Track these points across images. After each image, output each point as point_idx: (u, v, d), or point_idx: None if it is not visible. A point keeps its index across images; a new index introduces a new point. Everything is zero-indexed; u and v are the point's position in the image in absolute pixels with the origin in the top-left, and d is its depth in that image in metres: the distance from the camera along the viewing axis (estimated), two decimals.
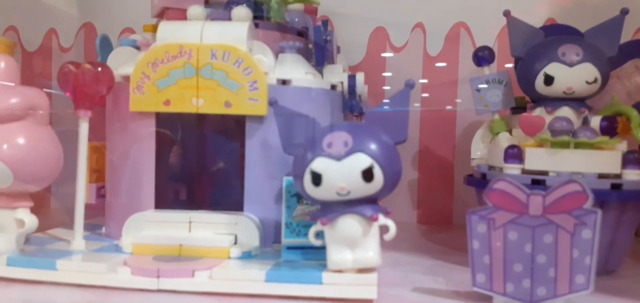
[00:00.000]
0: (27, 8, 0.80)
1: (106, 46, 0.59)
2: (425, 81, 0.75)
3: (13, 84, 0.43)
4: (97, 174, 0.54)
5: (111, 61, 0.54)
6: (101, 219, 0.55)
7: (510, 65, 0.61)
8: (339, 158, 0.38)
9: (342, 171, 0.38)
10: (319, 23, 0.59)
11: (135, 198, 0.50)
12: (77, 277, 0.41)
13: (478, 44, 0.73)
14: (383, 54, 0.75)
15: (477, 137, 0.60)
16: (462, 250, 0.45)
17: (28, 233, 0.43)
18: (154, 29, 0.61)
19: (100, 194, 0.54)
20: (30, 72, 0.79)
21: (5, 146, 0.41)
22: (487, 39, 0.73)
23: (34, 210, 0.44)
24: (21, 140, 0.41)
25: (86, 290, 0.41)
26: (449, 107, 0.76)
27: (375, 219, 0.39)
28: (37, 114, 0.43)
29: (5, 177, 0.41)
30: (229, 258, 0.45)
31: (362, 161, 0.38)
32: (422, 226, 0.74)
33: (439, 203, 0.75)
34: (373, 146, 0.39)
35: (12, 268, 0.42)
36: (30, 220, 0.42)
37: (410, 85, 0.42)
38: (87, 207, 0.49)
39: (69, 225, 0.54)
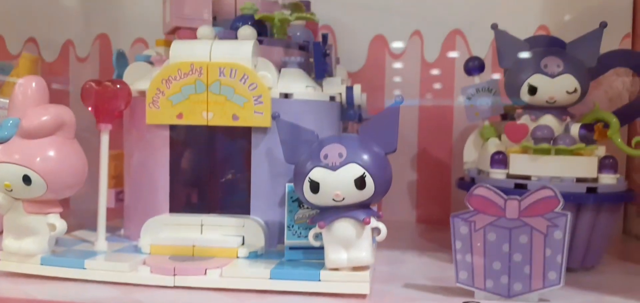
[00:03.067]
0: (46, 21, 0.85)
1: (122, 60, 0.64)
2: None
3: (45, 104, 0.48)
4: (115, 180, 0.59)
5: (127, 75, 0.59)
6: (119, 221, 0.60)
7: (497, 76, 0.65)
8: (334, 168, 0.43)
9: (337, 179, 0.43)
10: (321, 34, 0.63)
11: (151, 202, 0.55)
12: (103, 275, 0.46)
13: (473, 51, 0.78)
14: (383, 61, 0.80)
15: (469, 142, 0.64)
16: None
17: (58, 236, 0.48)
18: (166, 43, 0.65)
19: (119, 198, 0.59)
20: (49, 82, 0.84)
21: (38, 159, 0.46)
22: (482, 45, 0.77)
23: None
24: (52, 153, 0.46)
25: (111, 286, 0.46)
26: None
27: (368, 222, 0.44)
28: (65, 129, 0.48)
29: (39, 187, 0.46)
30: (237, 257, 0.50)
31: (355, 170, 0.43)
32: (421, 225, 0.79)
33: (437, 203, 0.79)
34: (365, 157, 0.43)
35: (45, 267, 0.47)
36: (61, 224, 0.47)
37: (399, 100, 0.46)
38: (107, 210, 0.54)
39: (88, 226, 0.59)
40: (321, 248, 0.46)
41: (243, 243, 0.51)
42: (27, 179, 0.45)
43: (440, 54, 0.79)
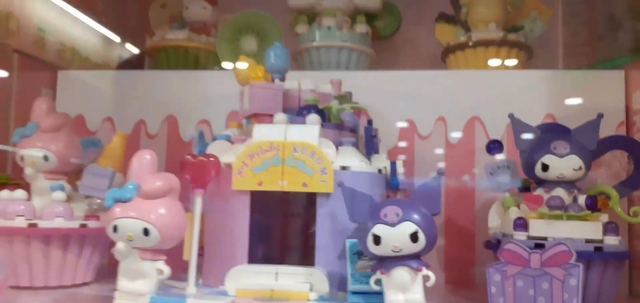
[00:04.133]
0: (121, 103, 0.99)
1: (202, 139, 0.77)
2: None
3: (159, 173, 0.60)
4: None
5: (211, 150, 0.72)
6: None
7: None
8: (393, 224, 0.54)
9: (395, 234, 0.54)
10: (367, 120, 0.77)
11: (232, 254, 0.66)
12: None
13: (490, 134, 0.91)
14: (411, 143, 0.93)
15: (493, 210, 0.76)
16: None
17: (163, 280, 0.59)
18: (238, 125, 0.79)
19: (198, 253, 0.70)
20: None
21: (154, 216, 0.57)
22: (498, 129, 0.90)
23: None
24: (165, 211, 0.58)
25: None
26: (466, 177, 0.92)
27: (420, 270, 0.55)
28: (173, 192, 0.60)
29: (154, 238, 0.57)
30: (309, 300, 0.60)
31: (410, 227, 0.54)
32: (449, 286, 0.88)
33: (463, 266, 0.89)
34: (417, 216, 0.55)
35: None
36: (167, 270, 0.58)
37: (441, 173, 0.58)
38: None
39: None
40: (380, 292, 0.56)
41: (311, 289, 0.62)
42: (146, 232, 0.57)
43: (462, 137, 0.92)
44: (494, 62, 0.99)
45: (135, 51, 1.26)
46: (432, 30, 1.09)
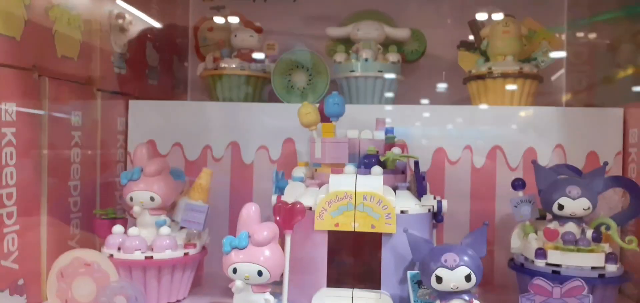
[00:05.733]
0: (188, 130, 1.13)
1: (281, 178, 0.92)
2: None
3: (266, 223, 0.76)
4: None
5: (288, 191, 0.87)
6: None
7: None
8: (451, 268, 0.71)
9: (454, 276, 0.71)
10: (414, 162, 0.92)
11: (313, 280, 0.82)
12: None
13: (510, 162, 1.07)
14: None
15: (515, 234, 0.93)
16: None
17: None
18: (305, 165, 0.95)
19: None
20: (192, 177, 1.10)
21: (264, 259, 0.73)
22: (515, 157, 1.07)
23: None
24: (271, 254, 0.74)
25: None
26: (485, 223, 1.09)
27: (472, 302, 0.72)
28: (276, 238, 0.76)
29: (266, 277, 0.73)
30: None
31: (465, 270, 0.71)
32: None
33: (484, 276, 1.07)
34: (470, 261, 0.72)
35: None
36: (272, 299, 0.75)
37: (486, 225, 0.75)
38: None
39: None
40: None
41: None
42: (260, 273, 0.73)
43: (485, 163, 1.08)
44: (510, 89, 1.15)
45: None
46: (454, 55, 1.24)
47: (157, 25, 1.27)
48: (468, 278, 0.71)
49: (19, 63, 0.83)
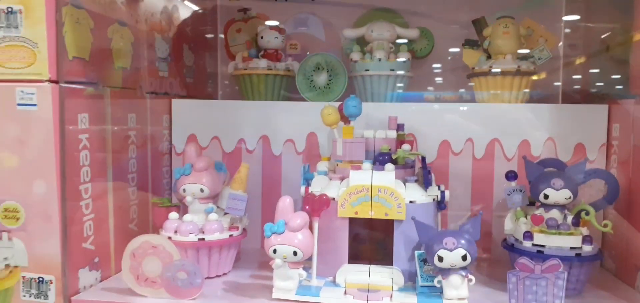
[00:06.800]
0: (226, 125, 1.29)
1: (308, 171, 1.08)
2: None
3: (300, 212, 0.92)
4: None
5: (315, 183, 1.03)
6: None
7: None
8: (451, 250, 0.87)
9: (453, 256, 0.87)
10: (421, 157, 1.08)
11: (336, 257, 0.99)
12: (327, 299, 0.91)
13: (505, 152, 1.22)
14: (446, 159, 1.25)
15: (508, 218, 1.08)
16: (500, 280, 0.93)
17: (302, 279, 0.93)
18: (327, 159, 1.11)
19: None
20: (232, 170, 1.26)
21: (298, 241, 0.90)
22: (511, 148, 1.22)
23: None
24: (304, 238, 0.91)
25: None
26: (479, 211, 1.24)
27: (467, 277, 0.88)
28: (306, 224, 0.92)
29: (300, 256, 0.90)
30: (392, 290, 0.95)
31: (461, 251, 0.87)
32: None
33: (480, 246, 1.23)
34: (466, 244, 0.88)
35: (299, 296, 0.92)
36: (304, 273, 0.92)
37: (480, 214, 0.90)
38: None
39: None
40: (440, 288, 0.90)
41: (393, 282, 0.96)
42: (295, 253, 0.90)
43: (484, 153, 1.23)
44: (509, 86, 1.28)
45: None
46: (459, 52, 1.37)
47: (192, 28, 1.42)
48: (464, 257, 0.88)
49: (89, 79, 0.99)
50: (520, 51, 1.28)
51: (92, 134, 0.99)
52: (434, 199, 1.02)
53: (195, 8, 1.44)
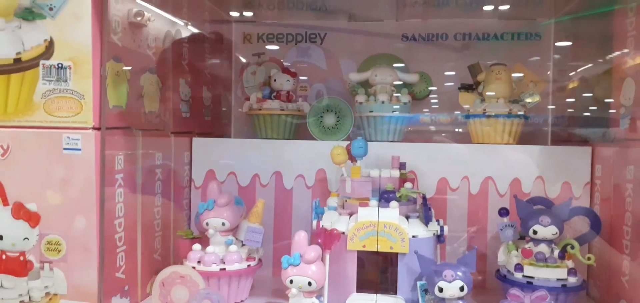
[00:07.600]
0: (241, 161, 1.40)
1: (319, 206, 1.19)
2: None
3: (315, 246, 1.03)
4: None
5: (326, 218, 1.14)
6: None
7: None
8: (449, 281, 0.98)
9: (451, 287, 0.98)
10: (423, 195, 1.19)
11: (345, 286, 1.09)
12: None
13: (499, 190, 1.33)
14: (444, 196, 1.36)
15: (501, 251, 1.18)
16: None
17: None
18: (336, 195, 1.22)
19: None
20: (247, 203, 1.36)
21: (312, 272, 1.00)
22: (503, 185, 1.33)
23: None
24: (316, 268, 1.01)
25: None
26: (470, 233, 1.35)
27: None
28: (319, 257, 1.02)
29: (314, 287, 1.00)
30: None
31: (459, 283, 0.98)
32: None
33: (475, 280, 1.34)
34: (463, 276, 0.98)
35: None
36: (317, 302, 1.02)
37: (475, 248, 1.01)
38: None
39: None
40: None
41: None
42: (309, 283, 1.00)
43: (479, 190, 1.34)
44: (502, 128, 1.40)
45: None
46: (455, 93, 1.49)
47: (211, 71, 1.54)
48: (461, 289, 0.98)
49: (125, 124, 1.10)
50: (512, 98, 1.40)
51: (126, 174, 1.10)
52: (434, 233, 1.12)
53: (214, 59, 1.57)
